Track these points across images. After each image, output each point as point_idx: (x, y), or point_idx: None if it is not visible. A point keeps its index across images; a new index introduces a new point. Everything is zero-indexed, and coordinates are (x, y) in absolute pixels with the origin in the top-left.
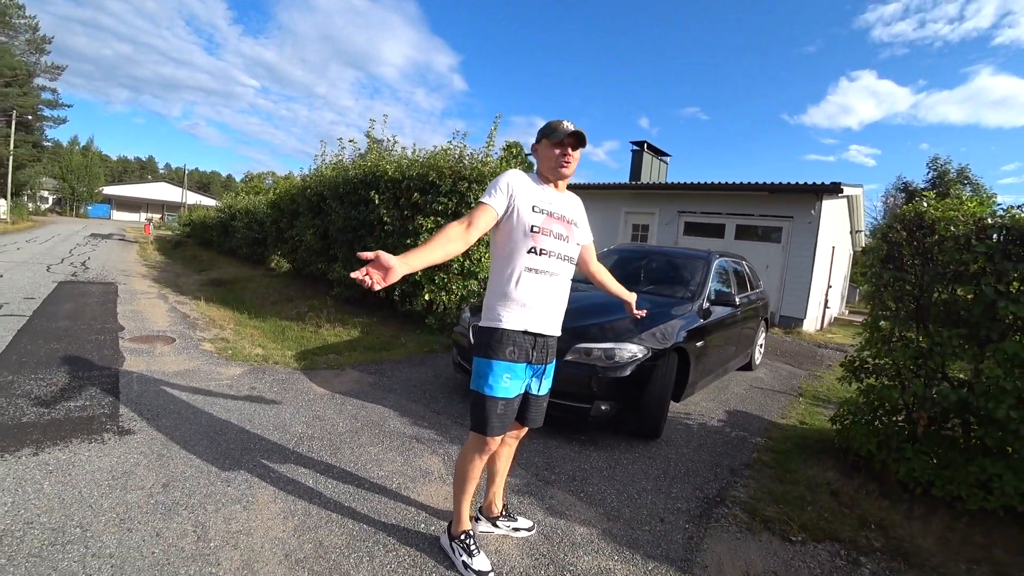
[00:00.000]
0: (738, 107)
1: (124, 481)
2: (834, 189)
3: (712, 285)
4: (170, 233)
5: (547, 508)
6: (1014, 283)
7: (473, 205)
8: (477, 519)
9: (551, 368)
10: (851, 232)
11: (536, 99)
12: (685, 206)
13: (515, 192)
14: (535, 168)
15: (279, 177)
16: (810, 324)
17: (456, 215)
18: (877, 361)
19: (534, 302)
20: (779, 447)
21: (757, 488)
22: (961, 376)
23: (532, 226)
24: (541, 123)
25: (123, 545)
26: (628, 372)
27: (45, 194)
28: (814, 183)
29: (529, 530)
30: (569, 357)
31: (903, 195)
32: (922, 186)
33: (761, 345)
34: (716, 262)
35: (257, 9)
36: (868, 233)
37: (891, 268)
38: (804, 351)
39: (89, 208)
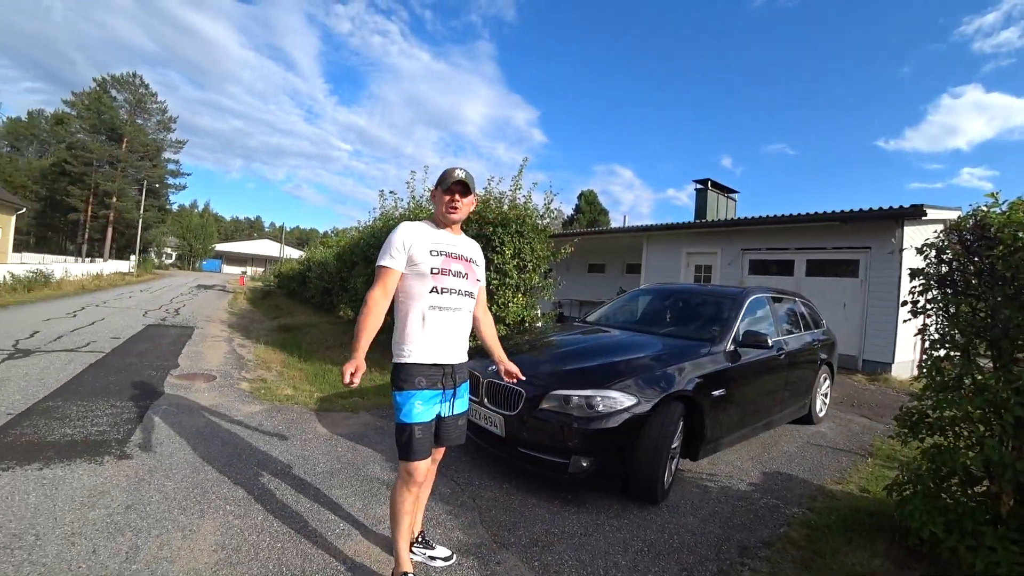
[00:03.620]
0: (828, 138)
1: (95, 500)
2: (916, 214)
3: (741, 325)
4: (261, 284)
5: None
6: None
7: (497, 248)
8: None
9: (462, 389)
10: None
11: (616, 146)
12: (749, 243)
13: (411, 244)
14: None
15: (341, 231)
16: (901, 369)
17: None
18: (940, 414)
19: (440, 337)
20: (818, 520)
21: (770, 575)
22: None
23: (432, 268)
24: (621, 170)
25: (59, 557)
26: (612, 423)
27: (168, 251)
28: (891, 208)
29: (447, 560)
30: (544, 405)
31: None
32: None
33: (825, 394)
34: (750, 299)
35: (351, 81)
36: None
37: (949, 293)
38: (889, 401)
39: (203, 263)
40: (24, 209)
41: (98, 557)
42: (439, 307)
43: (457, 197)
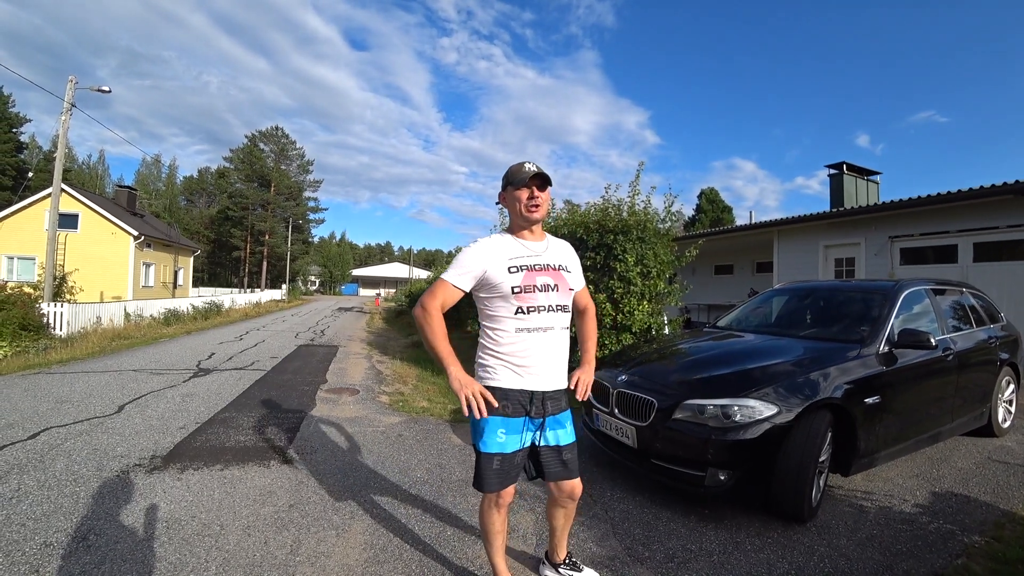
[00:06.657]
0: (988, 95)
1: (265, 498)
2: None
3: (895, 323)
4: (394, 304)
5: None
6: None
7: (619, 256)
8: (542, 562)
9: (563, 417)
10: None
11: (733, 137)
12: (898, 229)
13: (486, 264)
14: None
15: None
16: None
17: (604, 268)
18: None
19: (528, 360)
20: (1008, 553)
21: None
22: None
23: (514, 287)
24: (741, 163)
25: (238, 545)
26: (751, 434)
27: (312, 278)
28: None
29: None
30: (678, 415)
31: None
32: None
33: (1010, 401)
34: (906, 293)
35: (462, 107)
36: None
37: None
38: None
39: (342, 287)
40: (199, 251)
41: (268, 548)
42: (527, 328)
43: (536, 191)
